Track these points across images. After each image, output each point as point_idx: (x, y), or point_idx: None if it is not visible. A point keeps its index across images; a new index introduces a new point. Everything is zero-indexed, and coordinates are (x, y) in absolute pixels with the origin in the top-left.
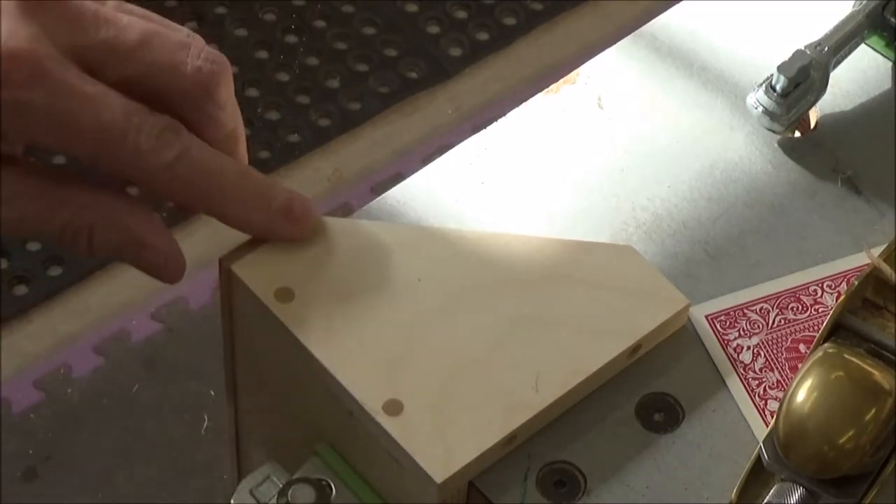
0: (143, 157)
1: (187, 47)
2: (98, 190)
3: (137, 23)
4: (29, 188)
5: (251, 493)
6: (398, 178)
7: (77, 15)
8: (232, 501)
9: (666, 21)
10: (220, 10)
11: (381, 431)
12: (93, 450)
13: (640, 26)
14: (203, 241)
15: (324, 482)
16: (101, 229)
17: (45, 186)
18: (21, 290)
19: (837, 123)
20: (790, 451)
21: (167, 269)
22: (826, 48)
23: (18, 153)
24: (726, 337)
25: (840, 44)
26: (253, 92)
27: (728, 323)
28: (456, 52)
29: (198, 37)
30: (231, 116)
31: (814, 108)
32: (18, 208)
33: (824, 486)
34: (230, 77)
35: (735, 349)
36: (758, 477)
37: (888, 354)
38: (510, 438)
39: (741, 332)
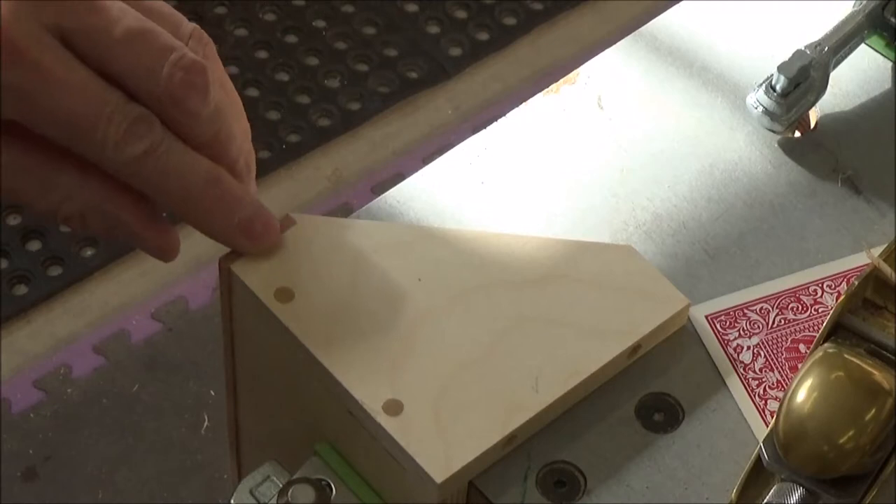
0: (111, 149)
1: (168, 52)
2: (88, 174)
3: (128, 18)
4: (20, 162)
5: (251, 493)
6: (398, 178)
7: None
8: (232, 501)
9: (666, 21)
10: (220, 10)
11: (381, 431)
12: (93, 450)
13: (640, 26)
14: (203, 240)
15: (324, 482)
16: (91, 216)
17: (36, 163)
18: (21, 290)
19: (837, 123)
20: (790, 451)
21: (159, 254)
22: (826, 48)
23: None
24: (726, 337)
25: (840, 44)
26: (253, 92)
27: (728, 323)
28: (456, 52)
29: (200, 32)
30: (209, 124)
31: (814, 108)
32: (12, 181)
33: (824, 486)
34: (207, 86)
35: (735, 349)
36: (758, 477)
37: (888, 354)
38: (510, 438)
39: (741, 332)
